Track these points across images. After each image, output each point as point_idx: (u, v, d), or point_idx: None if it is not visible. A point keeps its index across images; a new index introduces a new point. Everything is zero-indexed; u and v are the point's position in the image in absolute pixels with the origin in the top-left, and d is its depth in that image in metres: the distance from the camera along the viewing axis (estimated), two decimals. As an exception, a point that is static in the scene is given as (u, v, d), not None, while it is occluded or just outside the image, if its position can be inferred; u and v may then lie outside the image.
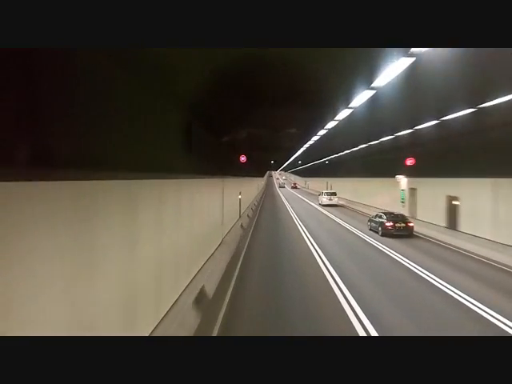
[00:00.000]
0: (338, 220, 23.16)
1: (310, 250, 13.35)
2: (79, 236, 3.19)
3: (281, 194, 54.25)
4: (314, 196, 44.66)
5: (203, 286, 7.70)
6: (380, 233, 16.83)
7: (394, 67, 6.02)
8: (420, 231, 17.38)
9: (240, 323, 6.61)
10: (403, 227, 16.36)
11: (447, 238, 15.43)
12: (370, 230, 18.28)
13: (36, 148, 2.49)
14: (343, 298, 8.04)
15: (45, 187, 2.71)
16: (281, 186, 79.15)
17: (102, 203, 3.67)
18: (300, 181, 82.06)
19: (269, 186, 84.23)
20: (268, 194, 56.29)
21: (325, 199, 33.39)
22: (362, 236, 16.86)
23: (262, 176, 60.49)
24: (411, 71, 6.13)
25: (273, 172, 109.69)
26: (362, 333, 6.25)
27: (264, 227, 19.78)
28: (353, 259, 12.18)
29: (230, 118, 9.63)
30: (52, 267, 2.79)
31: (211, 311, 7.04)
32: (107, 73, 3.51)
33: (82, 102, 3.10)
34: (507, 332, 6.36)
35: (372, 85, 7.18)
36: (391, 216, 17.08)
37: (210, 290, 8.12)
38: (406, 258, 12.09)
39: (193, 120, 7.28)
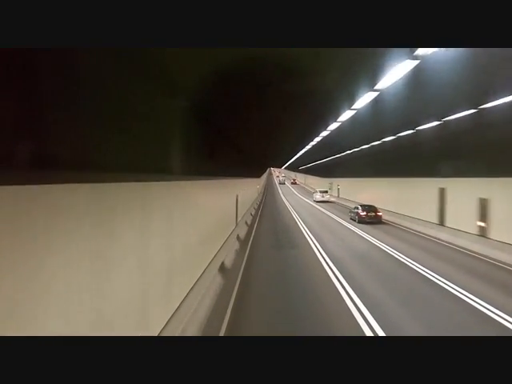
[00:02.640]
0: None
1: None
2: (88, 238, 3.21)
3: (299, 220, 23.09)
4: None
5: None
6: (357, 220, 21.70)
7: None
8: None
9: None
10: (373, 216, 21.24)
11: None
12: (351, 219, 23.10)
13: (36, 150, 2.48)
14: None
15: (45, 190, 2.64)
16: (281, 183, 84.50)
17: (106, 204, 3.69)
18: (318, 182, 51.77)
19: (269, 189, 65.86)
20: (267, 211, 29.56)
21: (318, 196, 38.51)
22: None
23: (259, 176, 45.97)
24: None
25: (273, 169, 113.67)
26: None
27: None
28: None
29: (229, 114, 9.48)
30: (58, 265, 2.77)
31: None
32: (107, 73, 3.55)
33: (82, 102, 3.12)
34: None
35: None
36: (365, 207, 21.99)
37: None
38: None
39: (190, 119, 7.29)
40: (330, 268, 10.74)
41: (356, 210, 22.18)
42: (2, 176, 2.24)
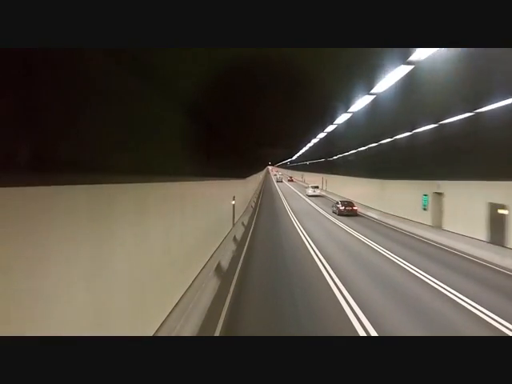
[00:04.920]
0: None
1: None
2: (87, 239, 3.28)
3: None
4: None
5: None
6: (337, 213, 26.78)
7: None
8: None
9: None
10: (350, 210, 26.23)
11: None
12: (333, 212, 28.11)
13: (35, 151, 2.51)
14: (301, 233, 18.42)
15: (44, 192, 2.68)
16: (278, 181, 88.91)
17: (110, 205, 3.83)
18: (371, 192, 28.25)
19: (267, 202, 37.97)
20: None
21: (310, 191, 43.77)
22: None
23: (244, 177, 26.86)
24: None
25: (271, 168, 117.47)
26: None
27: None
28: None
29: (227, 113, 9.51)
30: (57, 268, 2.82)
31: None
32: (107, 73, 3.58)
33: (82, 102, 3.13)
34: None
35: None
36: (344, 202, 27.08)
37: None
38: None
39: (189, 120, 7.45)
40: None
41: (337, 205, 27.31)
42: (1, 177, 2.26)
